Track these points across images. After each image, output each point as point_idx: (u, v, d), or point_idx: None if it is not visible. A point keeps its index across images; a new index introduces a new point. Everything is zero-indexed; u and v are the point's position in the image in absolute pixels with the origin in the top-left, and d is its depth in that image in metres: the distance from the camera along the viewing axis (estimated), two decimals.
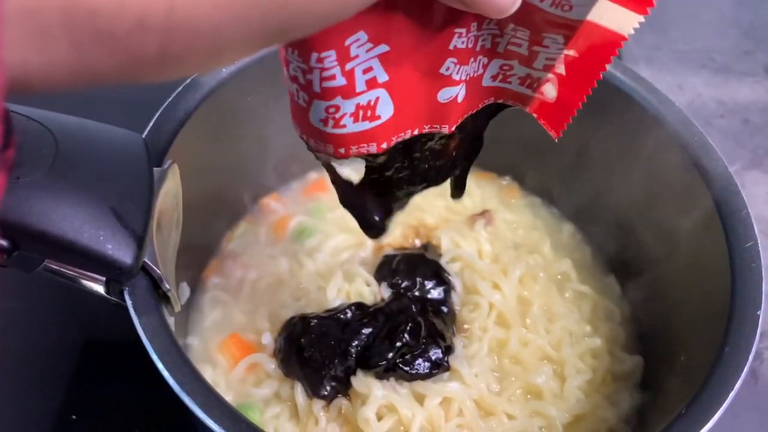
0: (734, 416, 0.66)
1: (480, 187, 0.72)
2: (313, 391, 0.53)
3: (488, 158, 0.71)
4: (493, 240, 0.66)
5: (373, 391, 0.52)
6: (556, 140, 0.40)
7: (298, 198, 0.69)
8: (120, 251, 0.40)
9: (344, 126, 0.35)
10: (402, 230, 0.66)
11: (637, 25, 0.33)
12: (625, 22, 0.33)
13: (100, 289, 0.44)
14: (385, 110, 0.35)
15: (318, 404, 0.54)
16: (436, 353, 0.55)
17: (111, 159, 0.43)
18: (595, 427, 0.56)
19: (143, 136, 0.49)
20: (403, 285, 0.60)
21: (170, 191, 0.48)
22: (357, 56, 0.32)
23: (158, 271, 0.43)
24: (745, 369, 0.44)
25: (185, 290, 0.58)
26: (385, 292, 0.60)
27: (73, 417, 0.58)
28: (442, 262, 0.63)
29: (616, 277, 0.66)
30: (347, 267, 0.62)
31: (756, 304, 0.46)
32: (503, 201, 0.71)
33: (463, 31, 0.34)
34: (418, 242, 0.66)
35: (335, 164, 0.42)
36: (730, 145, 0.84)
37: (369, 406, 0.52)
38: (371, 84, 0.34)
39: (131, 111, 0.53)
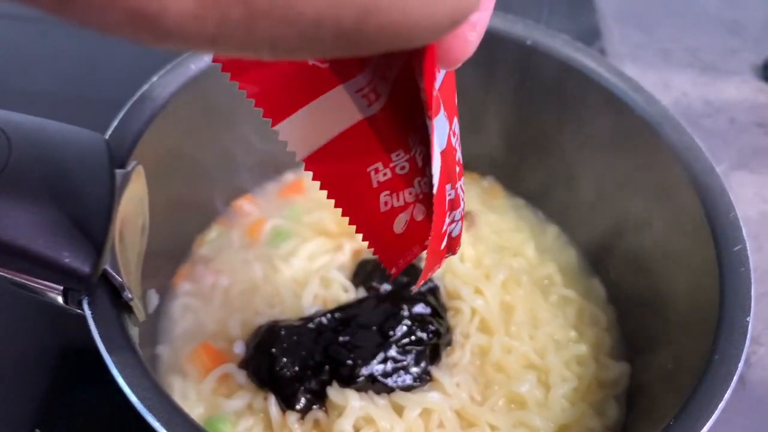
0: (723, 422, 0.64)
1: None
2: (287, 403, 0.51)
3: (470, 158, 0.70)
4: (475, 243, 0.64)
5: (350, 403, 0.50)
6: None
7: (274, 200, 0.67)
8: (78, 259, 0.38)
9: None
10: None
11: None
12: None
13: (59, 298, 0.42)
14: None
15: (293, 416, 0.51)
16: (421, 366, 0.53)
17: (70, 161, 0.41)
18: None
19: (106, 136, 0.47)
20: (382, 289, 0.58)
21: (134, 195, 0.45)
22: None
23: (119, 279, 0.41)
24: (735, 377, 0.42)
25: (153, 298, 0.56)
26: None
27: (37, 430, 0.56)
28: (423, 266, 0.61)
29: (601, 281, 0.64)
30: (324, 272, 0.59)
31: (745, 310, 0.44)
32: (486, 202, 0.69)
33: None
34: None
35: None
36: (717, 144, 0.83)
37: (346, 419, 0.50)
38: None
39: (95, 110, 0.51)
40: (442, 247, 0.33)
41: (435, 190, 0.27)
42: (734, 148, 0.83)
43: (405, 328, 0.54)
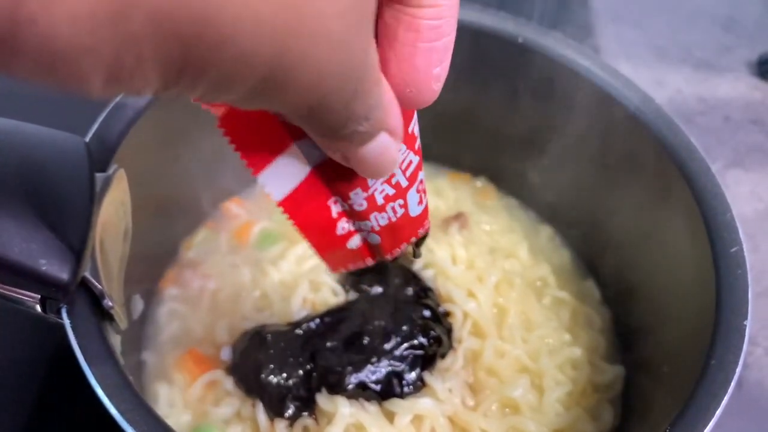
0: (718, 425, 0.63)
1: (454, 189, 0.69)
2: (275, 410, 0.50)
3: (462, 158, 0.70)
4: (467, 244, 0.63)
5: (340, 410, 0.49)
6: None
7: (262, 202, 0.66)
8: (55, 266, 0.37)
9: (425, 190, 0.37)
10: None
11: None
12: None
13: (36, 307, 0.40)
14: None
15: (281, 423, 0.50)
16: (416, 372, 0.52)
17: (47, 165, 0.40)
18: None
19: (86, 139, 0.46)
20: (373, 293, 0.57)
21: (116, 199, 0.44)
22: (418, 134, 0.34)
23: (99, 286, 0.39)
24: (733, 383, 0.41)
25: (138, 303, 0.54)
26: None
27: None
28: (415, 268, 0.60)
29: (595, 282, 0.63)
30: (313, 276, 0.58)
31: (743, 313, 0.44)
32: (478, 203, 0.68)
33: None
34: None
35: None
36: (711, 142, 0.82)
37: (335, 426, 0.49)
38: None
39: (75, 112, 0.49)
40: (354, 246, 0.38)
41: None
42: (729, 145, 0.82)
43: (405, 331, 0.53)
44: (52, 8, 0.17)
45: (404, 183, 0.35)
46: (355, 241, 0.37)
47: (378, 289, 0.57)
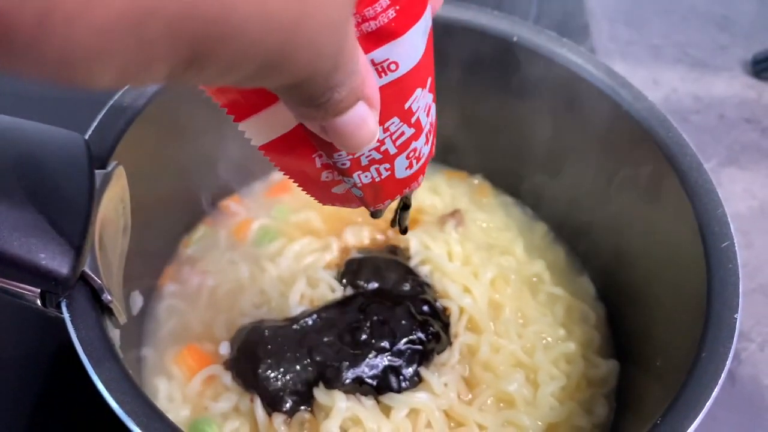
0: (712, 419, 0.64)
1: (450, 187, 0.69)
2: (273, 405, 0.51)
3: (459, 156, 0.70)
4: (463, 241, 0.64)
5: (337, 404, 0.50)
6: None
7: (261, 200, 0.66)
8: (54, 261, 0.37)
9: (422, 155, 0.38)
10: (369, 232, 0.63)
11: None
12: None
13: (37, 301, 0.41)
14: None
15: (279, 418, 0.51)
16: (413, 367, 0.53)
17: (47, 161, 0.40)
18: None
19: (86, 136, 0.46)
20: (369, 288, 0.57)
21: (115, 195, 0.45)
22: (418, 108, 0.34)
23: (98, 281, 0.40)
24: (723, 375, 0.42)
25: (137, 300, 0.55)
26: None
27: None
28: (411, 264, 0.60)
29: (590, 278, 0.64)
30: (311, 272, 0.59)
31: (733, 307, 0.44)
32: (474, 200, 0.69)
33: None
34: (386, 244, 0.63)
35: None
36: (706, 140, 0.83)
37: (332, 420, 0.49)
38: (430, 114, 0.37)
39: (74, 110, 0.50)
40: (339, 191, 0.39)
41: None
42: (724, 144, 0.82)
43: (405, 327, 0.53)
44: (78, 20, 0.18)
45: (393, 150, 0.35)
46: (339, 189, 0.39)
47: (374, 285, 0.57)
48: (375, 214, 0.43)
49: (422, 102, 0.35)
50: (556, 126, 0.60)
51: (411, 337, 0.53)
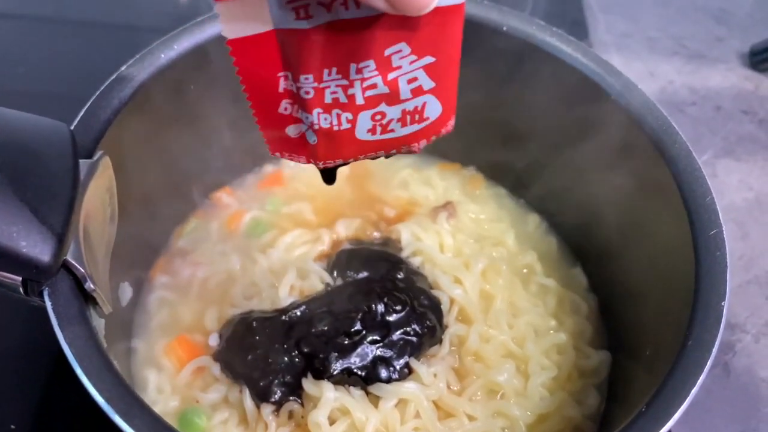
0: (706, 411, 0.64)
1: (443, 179, 0.69)
2: (261, 396, 0.51)
3: (451, 148, 0.70)
4: (455, 233, 0.63)
5: (325, 394, 0.50)
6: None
7: (253, 192, 0.67)
8: (36, 248, 0.37)
9: (391, 128, 0.37)
10: (361, 224, 0.63)
11: None
12: None
13: (19, 288, 0.41)
14: (434, 111, 0.37)
15: (268, 408, 0.51)
16: (404, 359, 0.52)
17: (30, 150, 0.40)
18: (560, 427, 0.53)
19: (72, 126, 0.46)
20: (359, 278, 0.57)
21: (101, 185, 0.45)
22: (400, 68, 0.34)
23: (81, 269, 0.40)
24: (709, 362, 0.42)
25: (126, 291, 0.55)
26: None
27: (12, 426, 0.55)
28: (403, 256, 0.60)
29: (582, 269, 0.63)
30: (301, 263, 0.59)
31: (720, 294, 0.44)
32: (467, 192, 0.69)
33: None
34: (377, 236, 0.63)
35: None
36: (703, 132, 0.82)
37: (320, 410, 0.49)
38: (417, 97, 0.36)
39: (62, 106, 0.50)
40: (292, 134, 0.38)
41: None
42: (720, 135, 0.82)
43: (401, 318, 0.53)
44: None
45: (359, 100, 0.35)
46: (293, 130, 0.37)
47: (364, 275, 0.57)
48: (326, 177, 0.42)
49: (405, 64, 0.34)
50: (545, 115, 0.60)
51: (406, 328, 0.53)
